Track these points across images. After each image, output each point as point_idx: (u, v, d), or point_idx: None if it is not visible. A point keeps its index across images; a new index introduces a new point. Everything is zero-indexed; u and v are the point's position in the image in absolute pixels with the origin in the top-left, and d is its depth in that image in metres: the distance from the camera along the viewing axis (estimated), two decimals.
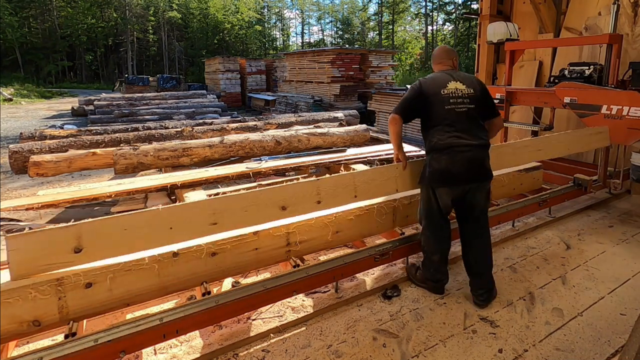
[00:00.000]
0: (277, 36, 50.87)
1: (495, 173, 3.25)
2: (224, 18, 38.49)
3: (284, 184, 2.22)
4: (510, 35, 4.72)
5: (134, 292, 1.88)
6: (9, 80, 26.44)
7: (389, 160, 5.65)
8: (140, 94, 14.88)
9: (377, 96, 11.57)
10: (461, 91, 2.31)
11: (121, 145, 5.47)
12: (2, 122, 12.69)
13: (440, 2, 39.98)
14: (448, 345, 2.03)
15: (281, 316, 2.26)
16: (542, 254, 3.02)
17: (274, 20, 50.49)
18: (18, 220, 4.14)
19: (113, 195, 3.93)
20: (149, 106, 12.31)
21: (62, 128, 9.02)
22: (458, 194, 2.30)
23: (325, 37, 51.66)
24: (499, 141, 4.86)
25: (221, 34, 38.93)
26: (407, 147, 4.76)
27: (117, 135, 5.96)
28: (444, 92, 2.30)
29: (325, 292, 2.52)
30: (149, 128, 6.99)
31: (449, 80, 2.34)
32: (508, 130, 4.87)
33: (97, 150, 4.97)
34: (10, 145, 5.07)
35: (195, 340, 2.08)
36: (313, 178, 2.34)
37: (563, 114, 4.92)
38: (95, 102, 13.19)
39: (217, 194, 4.14)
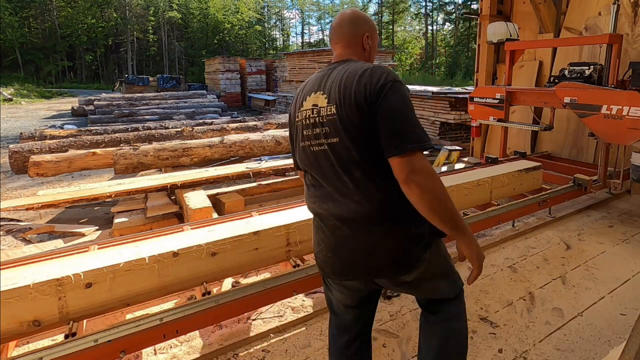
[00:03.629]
0: (277, 36, 50.88)
1: (492, 174, 3.26)
2: (224, 18, 38.49)
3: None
4: (510, 35, 4.71)
5: (134, 292, 1.88)
6: (9, 80, 26.43)
7: None
8: (140, 94, 14.88)
9: None
10: (319, 111, 1.24)
11: (121, 145, 5.47)
12: (2, 122, 12.69)
13: (440, 2, 39.98)
14: None
15: (281, 316, 2.26)
16: (542, 254, 3.02)
17: (274, 20, 50.50)
18: (18, 220, 4.14)
19: (113, 195, 3.93)
20: (149, 106, 12.32)
21: (62, 128, 9.02)
22: (357, 288, 1.35)
23: (325, 37, 51.61)
24: (500, 148, 4.85)
25: (221, 34, 38.93)
26: None
27: (117, 135, 5.97)
28: (297, 116, 1.33)
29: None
30: (149, 128, 7.00)
31: (311, 91, 1.31)
32: (508, 130, 4.87)
33: (97, 150, 4.97)
34: (10, 145, 5.07)
35: (195, 340, 2.08)
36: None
37: (563, 114, 4.92)
38: (95, 102, 13.20)
39: (217, 194, 4.14)
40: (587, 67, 3.92)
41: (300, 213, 2.48)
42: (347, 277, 1.30)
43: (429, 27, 41.11)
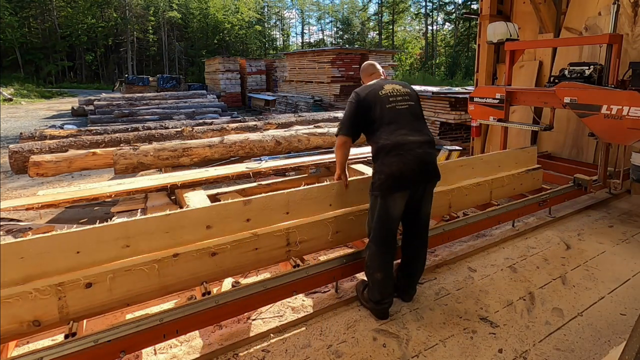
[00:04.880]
0: (277, 36, 50.87)
1: (478, 180, 3.28)
2: (224, 18, 38.48)
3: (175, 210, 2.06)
4: (510, 35, 4.71)
5: (134, 292, 1.88)
6: (9, 80, 26.42)
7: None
8: (140, 94, 14.87)
9: None
10: (398, 91, 2.28)
11: (121, 145, 5.47)
12: (2, 122, 12.69)
13: (440, 2, 39.98)
14: (448, 345, 2.03)
15: (281, 316, 2.26)
16: (542, 254, 3.03)
17: (274, 20, 50.49)
18: (18, 220, 4.14)
19: (113, 195, 3.93)
20: (149, 106, 12.31)
21: (62, 128, 9.01)
22: (410, 198, 2.17)
23: (325, 37, 51.68)
24: (500, 148, 4.85)
25: (221, 34, 38.92)
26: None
27: (117, 135, 5.96)
28: (381, 93, 2.26)
29: (325, 292, 2.52)
30: (149, 128, 6.99)
31: (384, 84, 2.31)
32: (508, 130, 4.87)
33: (97, 150, 4.97)
34: (10, 145, 5.06)
35: (195, 340, 2.08)
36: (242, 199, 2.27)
37: (563, 114, 4.92)
38: (95, 102, 13.18)
39: (217, 193, 4.14)
40: (587, 67, 3.92)
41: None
42: (420, 182, 2.17)
43: (429, 27, 41.12)
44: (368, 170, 4.79)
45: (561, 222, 3.65)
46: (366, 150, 5.62)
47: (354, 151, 5.62)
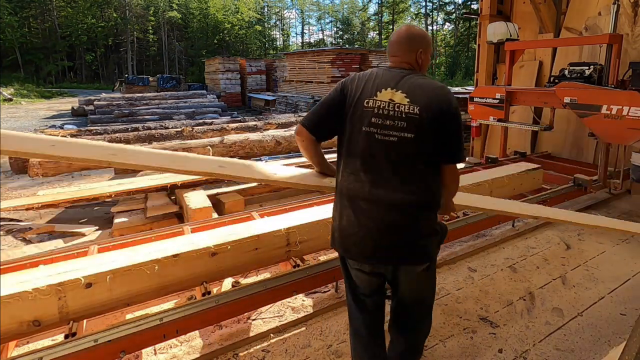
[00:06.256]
0: (277, 36, 50.88)
1: (478, 180, 3.25)
2: (224, 18, 38.48)
3: None
4: (510, 35, 4.72)
5: (134, 292, 1.88)
6: (9, 80, 26.41)
7: None
8: (140, 94, 14.88)
9: None
10: (397, 107, 1.40)
11: None
12: (2, 122, 12.68)
13: (440, 2, 40.00)
14: (448, 345, 2.03)
15: (281, 316, 2.26)
16: (542, 254, 3.02)
17: (274, 20, 50.49)
18: (18, 220, 4.13)
19: (113, 195, 3.93)
20: (149, 106, 12.32)
21: (62, 128, 9.01)
22: (372, 270, 1.50)
23: (325, 37, 51.69)
24: (500, 148, 4.85)
25: (221, 34, 38.92)
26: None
27: (117, 135, 5.97)
28: (367, 103, 1.44)
29: (325, 292, 2.52)
30: (149, 128, 7.00)
31: (386, 86, 1.45)
32: (508, 130, 4.87)
33: None
34: None
35: (195, 340, 2.08)
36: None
37: (563, 114, 4.92)
38: (95, 102, 13.19)
39: (218, 193, 4.14)
40: (587, 67, 3.92)
41: (301, 214, 2.48)
42: (377, 260, 1.45)
43: (429, 27, 41.10)
44: None
45: (561, 222, 3.64)
46: None
47: None
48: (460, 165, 2.09)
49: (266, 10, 48.53)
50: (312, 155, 1.73)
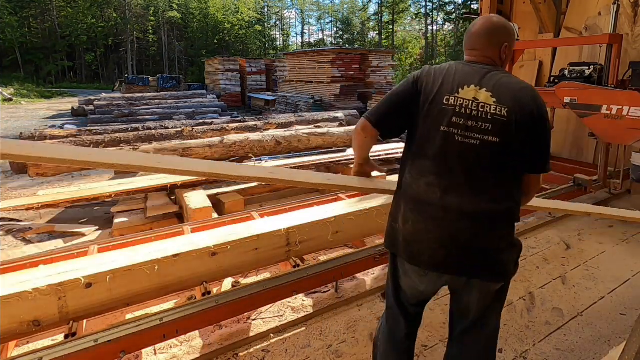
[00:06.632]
0: (277, 36, 50.88)
1: None
2: (224, 18, 38.49)
3: None
4: None
5: (134, 292, 1.88)
6: (9, 80, 26.41)
7: (388, 160, 5.65)
8: (140, 94, 14.88)
9: (378, 96, 11.60)
10: (481, 106, 1.26)
11: (121, 145, 5.47)
12: (2, 122, 12.68)
13: (440, 2, 39.97)
14: None
15: (281, 316, 2.26)
16: (542, 254, 3.02)
17: (274, 20, 50.49)
18: (18, 220, 4.13)
19: (113, 195, 3.94)
20: (149, 106, 12.32)
21: (62, 128, 9.01)
22: (438, 283, 1.35)
23: (325, 37, 51.67)
24: None
25: (221, 34, 38.92)
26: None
27: (117, 135, 5.97)
28: (447, 100, 1.29)
29: (325, 292, 2.52)
30: (149, 128, 6.99)
31: (469, 83, 1.30)
32: None
33: None
34: None
35: (195, 340, 2.08)
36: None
37: (563, 114, 4.91)
38: (95, 102, 13.19)
39: (218, 193, 4.15)
40: (587, 67, 3.92)
41: (301, 214, 2.48)
42: (443, 269, 1.28)
43: (429, 27, 41.10)
44: None
45: (561, 222, 3.64)
46: None
47: (351, 150, 5.61)
48: None
49: (266, 10, 48.54)
50: (365, 150, 1.58)
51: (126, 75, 24.32)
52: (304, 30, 53.40)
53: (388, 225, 1.41)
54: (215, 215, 3.62)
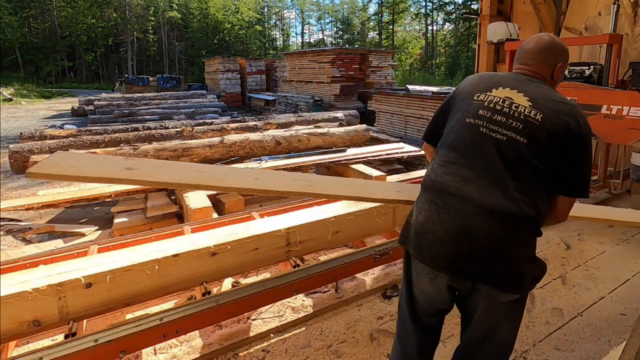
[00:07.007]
0: (277, 36, 50.87)
1: None
2: (224, 18, 38.49)
3: None
4: (510, 35, 4.72)
5: (134, 292, 1.88)
6: (9, 80, 26.41)
7: (388, 161, 5.65)
8: (140, 94, 14.88)
9: (377, 96, 11.59)
10: (514, 105, 1.23)
11: (121, 145, 5.47)
12: (2, 122, 12.68)
13: (440, 2, 39.98)
14: (448, 345, 2.03)
15: (281, 316, 2.26)
16: (542, 254, 3.02)
17: (274, 20, 50.49)
18: (18, 220, 4.14)
19: (113, 195, 3.94)
20: (149, 106, 12.31)
21: (62, 128, 9.01)
22: (447, 284, 1.25)
23: (325, 37, 51.65)
24: None
25: (221, 34, 38.93)
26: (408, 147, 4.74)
27: (117, 135, 5.96)
28: (477, 97, 1.29)
29: (325, 292, 2.52)
30: (149, 128, 6.99)
31: (505, 85, 1.29)
32: None
33: (97, 150, 4.97)
34: (10, 145, 5.06)
35: (195, 340, 2.08)
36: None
37: None
38: (95, 102, 13.19)
39: (217, 193, 4.14)
40: (587, 67, 3.92)
41: (301, 214, 2.48)
42: (450, 268, 1.19)
43: (429, 27, 41.11)
44: (369, 171, 4.79)
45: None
46: (366, 151, 5.62)
47: (354, 151, 5.62)
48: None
49: (266, 10, 48.54)
50: None
51: (126, 75, 24.33)
52: (304, 30, 53.43)
53: (406, 221, 1.36)
54: (215, 215, 3.62)
